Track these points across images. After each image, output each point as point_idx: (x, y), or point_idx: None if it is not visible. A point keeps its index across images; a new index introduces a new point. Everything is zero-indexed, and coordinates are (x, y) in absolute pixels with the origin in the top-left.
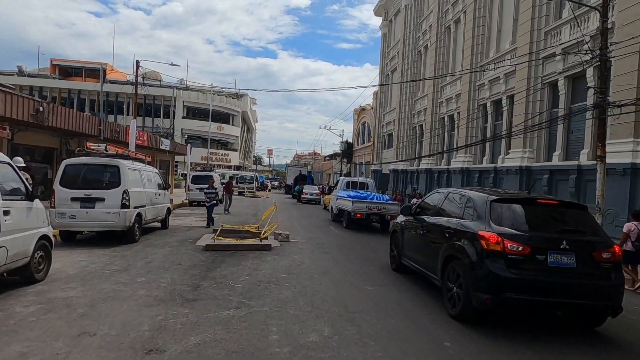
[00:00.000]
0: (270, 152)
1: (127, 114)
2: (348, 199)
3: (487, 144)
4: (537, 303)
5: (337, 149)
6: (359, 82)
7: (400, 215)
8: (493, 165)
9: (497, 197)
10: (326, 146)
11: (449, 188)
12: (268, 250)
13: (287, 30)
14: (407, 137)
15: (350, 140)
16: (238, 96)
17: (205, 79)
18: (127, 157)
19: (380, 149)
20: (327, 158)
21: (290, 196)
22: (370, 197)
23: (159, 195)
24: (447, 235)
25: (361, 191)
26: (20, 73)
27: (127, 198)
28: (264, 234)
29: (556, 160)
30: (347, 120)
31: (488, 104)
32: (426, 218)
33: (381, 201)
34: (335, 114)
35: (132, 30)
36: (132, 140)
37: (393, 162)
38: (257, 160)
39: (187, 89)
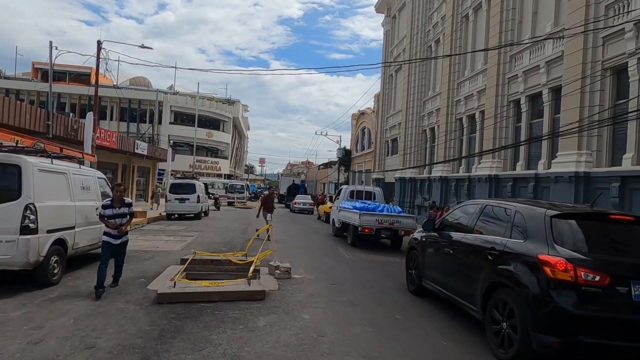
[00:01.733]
0: (262, 160)
1: (111, 119)
2: (354, 211)
3: (522, 147)
4: (619, 349)
5: (333, 157)
6: (351, 93)
7: (419, 230)
8: (532, 172)
9: (558, 212)
10: (321, 155)
11: (484, 199)
12: (260, 301)
13: (280, 41)
14: (415, 142)
15: (348, 147)
16: (229, 102)
17: (196, 89)
18: (40, 152)
19: (383, 156)
20: (322, 167)
21: (283, 205)
22: (380, 208)
23: None
24: (489, 257)
25: (368, 202)
26: (0, 76)
27: (32, 217)
28: (252, 271)
29: (628, 165)
30: (340, 130)
31: (522, 100)
32: (456, 235)
33: (393, 214)
34: (328, 124)
35: (124, 39)
36: (88, 139)
37: (399, 169)
38: (249, 169)
39: (174, 93)
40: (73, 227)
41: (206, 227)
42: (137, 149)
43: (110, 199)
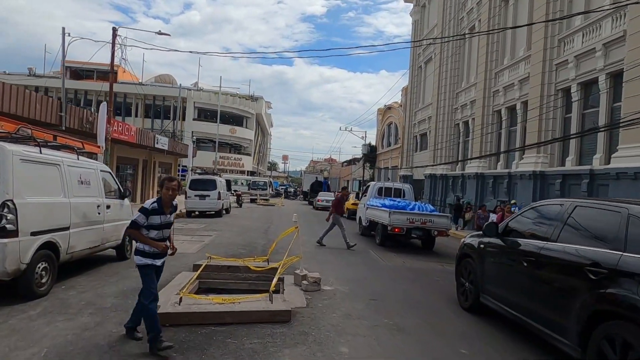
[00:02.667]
0: (285, 158)
1: (136, 116)
2: (383, 209)
3: (573, 140)
4: None
5: (357, 153)
6: (374, 90)
7: (472, 235)
8: (586, 167)
9: None
10: (344, 151)
11: (571, 199)
12: (285, 323)
13: (303, 38)
14: (447, 137)
15: (373, 143)
16: (253, 98)
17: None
18: (26, 139)
19: (411, 152)
20: (345, 164)
21: (306, 202)
22: (411, 207)
23: (109, 207)
24: (590, 276)
25: (397, 199)
26: (32, 74)
27: (10, 216)
28: (275, 284)
29: None
30: (364, 127)
31: (573, 87)
32: (530, 243)
33: (425, 212)
34: (351, 121)
35: (150, 38)
36: (102, 131)
37: (429, 165)
38: (272, 166)
39: (198, 89)
40: (67, 228)
41: (226, 226)
42: (157, 143)
43: (155, 199)
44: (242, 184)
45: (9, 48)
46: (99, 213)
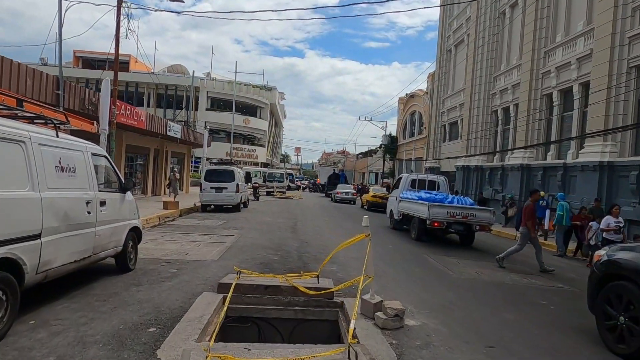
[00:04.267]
0: (298, 150)
1: (148, 106)
2: (420, 202)
3: None
4: None
5: (373, 144)
6: (387, 82)
7: (614, 249)
8: None
9: None
10: (358, 143)
11: None
12: None
13: (315, 30)
14: (482, 125)
15: (393, 134)
16: (267, 88)
17: (233, 77)
18: None
19: (438, 142)
20: (360, 156)
21: (324, 194)
22: (449, 200)
23: (105, 204)
24: None
25: (433, 192)
26: (43, 64)
27: None
28: (352, 331)
29: None
30: (377, 119)
31: None
32: None
33: (467, 206)
34: (364, 113)
35: (162, 31)
36: (105, 112)
37: (461, 157)
38: (285, 159)
39: (212, 79)
40: (38, 236)
41: (247, 223)
42: (169, 131)
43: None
44: (256, 175)
45: (26, 42)
46: (89, 212)
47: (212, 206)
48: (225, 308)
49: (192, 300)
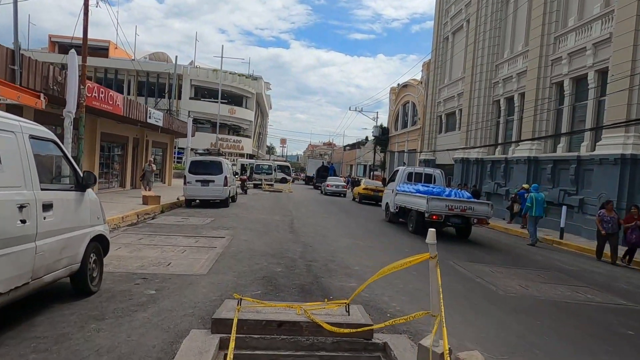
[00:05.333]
0: (283, 141)
1: (128, 94)
2: (419, 195)
3: None
4: None
5: (361, 135)
6: (372, 74)
7: None
8: None
9: None
10: (347, 135)
11: None
12: None
13: (300, 20)
14: (484, 116)
15: (384, 125)
16: (253, 77)
17: (217, 66)
18: None
19: (434, 133)
20: (348, 148)
21: (312, 187)
22: (447, 193)
23: (52, 208)
24: None
25: (431, 185)
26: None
27: None
28: None
29: None
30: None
31: None
32: None
33: (464, 199)
34: (347, 105)
35: (144, 19)
36: (72, 89)
37: (460, 149)
38: (270, 150)
39: (195, 67)
40: None
41: (239, 221)
42: (149, 118)
43: None
44: (251, 168)
45: (1, 27)
46: (23, 220)
47: (198, 201)
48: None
49: (175, 347)
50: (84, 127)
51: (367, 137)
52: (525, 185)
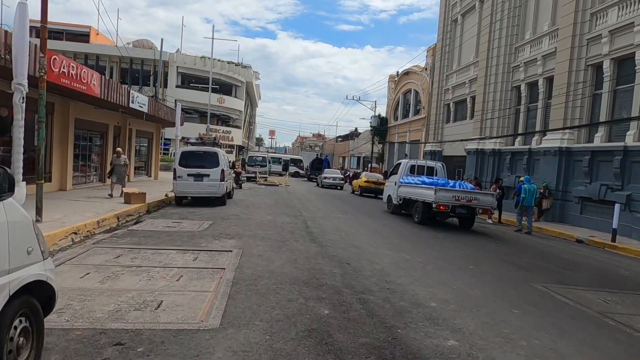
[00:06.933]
0: (272, 133)
1: None
2: (424, 186)
3: None
4: None
5: (351, 127)
6: (360, 66)
7: None
8: None
9: None
10: (333, 128)
11: None
12: None
13: (287, 10)
14: (502, 103)
15: (379, 117)
16: (242, 65)
17: (204, 55)
18: None
19: (441, 123)
20: (340, 139)
21: (306, 179)
22: (451, 184)
23: None
24: None
25: (433, 177)
26: None
27: None
28: None
29: None
30: (350, 103)
31: None
32: None
33: (470, 190)
34: (335, 97)
35: (128, 8)
36: (21, 55)
37: (473, 139)
38: (259, 142)
39: (182, 54)
40: None
41: (243, 225)
42: (132, 102)
43: None
44: (256, 160)
45: None
46: None
47: (189, 198)
48: None
49: None
50: (44, 107)
51: (356, 129)
52: (521, 178)
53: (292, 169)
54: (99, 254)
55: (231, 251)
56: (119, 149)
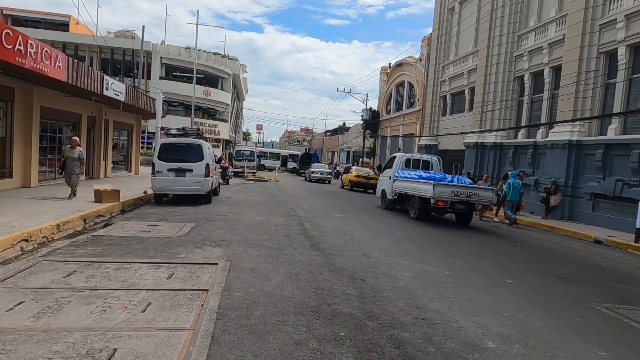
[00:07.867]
0: (259, 127)
1: None
2: (422, 180)
3: None
4: None
5: (340, 121)
6: (347, 60)
7: None
8: None
9: None
10: (321, 122)
11: None
12: None
13: (274, 4)
14: (503, 95)
15: (371, 110)
16: (229, 57)
17: (189, 47)
18: None
19: (437, 116)
20: (329, 134)
21: (295, 174)
22: (449, 179)
23: None
24: None
25: (429, 171)
26: None
27: None
28: None
29: None
30: (337, 99)
31: None
32: None
33: (469, 185)
34: (322, 92)
35: None
36: None
37: (472, 132)
38: (246, 136)
39: (166, 45)
40: None
41: (232, 228)
42: (107, 89)
43: None
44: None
45: None
46: None
47: (171, 195)
48: None
49: None
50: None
51: (344, 123)
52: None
53: (291, 164)
54: (46, 270)
55: (216, 264)
56: (74, 137)
